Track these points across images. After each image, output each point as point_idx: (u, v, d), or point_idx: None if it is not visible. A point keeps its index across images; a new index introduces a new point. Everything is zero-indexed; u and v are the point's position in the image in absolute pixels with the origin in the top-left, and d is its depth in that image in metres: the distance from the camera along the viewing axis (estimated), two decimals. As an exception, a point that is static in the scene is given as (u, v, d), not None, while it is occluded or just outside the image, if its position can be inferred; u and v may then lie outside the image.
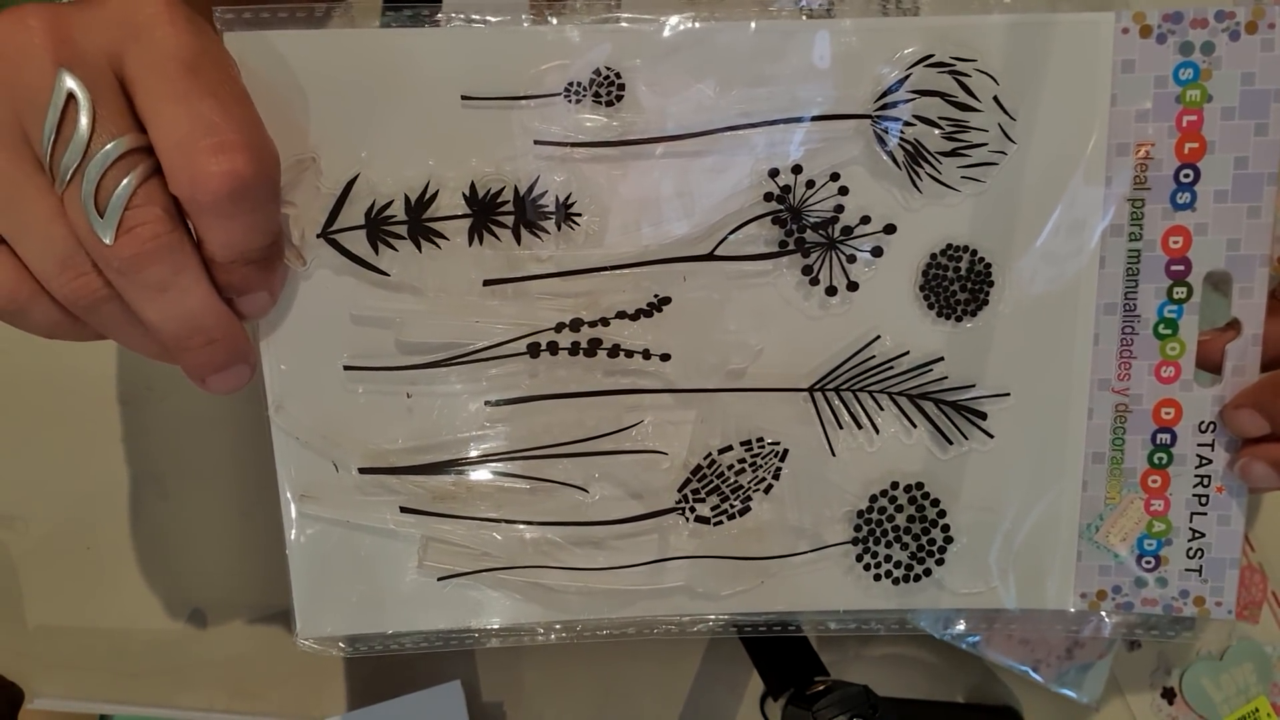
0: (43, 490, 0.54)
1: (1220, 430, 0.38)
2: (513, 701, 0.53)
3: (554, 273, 0.34)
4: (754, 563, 0.37)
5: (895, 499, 0.37)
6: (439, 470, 0.35)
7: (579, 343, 0.34)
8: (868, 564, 0.38)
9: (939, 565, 0.38)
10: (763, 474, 0.36)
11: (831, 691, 0.43)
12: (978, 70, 0.34)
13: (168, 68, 0.25)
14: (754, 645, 0.48)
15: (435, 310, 0.33)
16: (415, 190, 0.32)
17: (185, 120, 0.25)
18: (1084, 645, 0.52)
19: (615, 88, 0.33)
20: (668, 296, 0.34)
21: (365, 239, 0.33)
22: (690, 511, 0.36)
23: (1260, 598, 0.54)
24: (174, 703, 0.52)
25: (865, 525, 0.37)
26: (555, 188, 0.33)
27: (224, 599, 0.53)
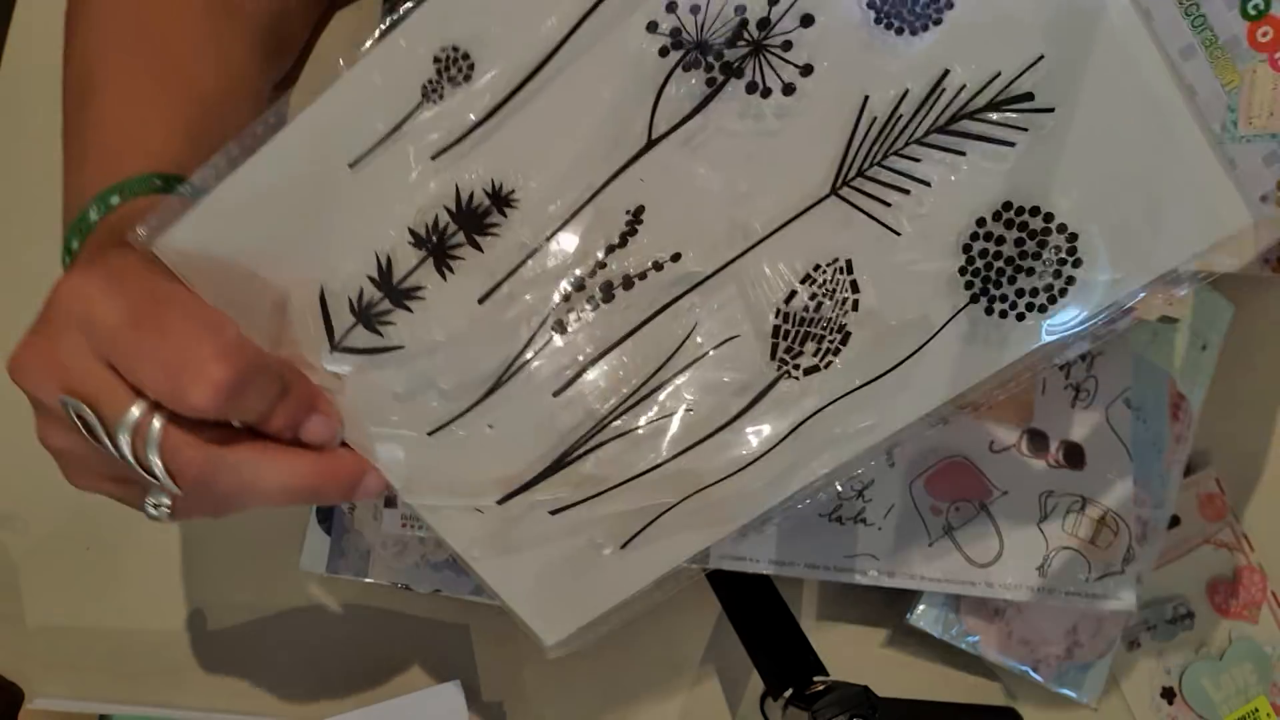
0: (43, 490, 0.54)
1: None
2: (513, 701, 0.53)
3: (528, 253, 0.33)
4: (886, 378, 0.33)
5: (990, 234, 0.32)
6: (559, 467, 0.35)
7: (593, 296, 0.33)
8: (1002, 310, 0.33)
9: (1078, 266, 0.32)
10: (840, 295, 0.33)
11: (831, 691, 0.43)
12: None
13: (118, 337, 0.29)
14: (754, 645, 0.48)
15: (459, 350, 0.34)
16: (372, 268, 0.33)
17: (156, 372, 0.29)
18: (1083, 645, 0.52)
19: (463, 61, 0.31)
20: (639, 205, 0.32)
21: (365, 331, 0.33)
22: (795, 369, 0.34)
23: (1260, 598, 0.54)
24: (174, 702, 0.52)
25: (974, 277, 0.33)
26: (476, 183, 0.32)
27: (224, 599, 0.53)
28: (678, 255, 0.33)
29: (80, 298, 0.29)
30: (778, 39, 0.31)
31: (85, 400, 0.30)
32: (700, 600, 0.53)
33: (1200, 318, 0.54)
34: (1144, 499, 0.52)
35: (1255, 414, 0.57)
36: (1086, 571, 0.48)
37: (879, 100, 0.31)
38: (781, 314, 0.33)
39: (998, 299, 0.33)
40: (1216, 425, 0.56)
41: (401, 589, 0.52)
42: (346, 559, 0.52)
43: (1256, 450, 0.56)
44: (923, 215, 0.32)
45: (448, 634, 0.53)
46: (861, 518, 0.48)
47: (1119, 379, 0.50)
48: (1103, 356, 0.50)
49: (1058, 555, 0.48)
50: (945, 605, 0.51)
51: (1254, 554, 0.55)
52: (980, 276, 0.32)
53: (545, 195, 0.32)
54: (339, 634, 0.53)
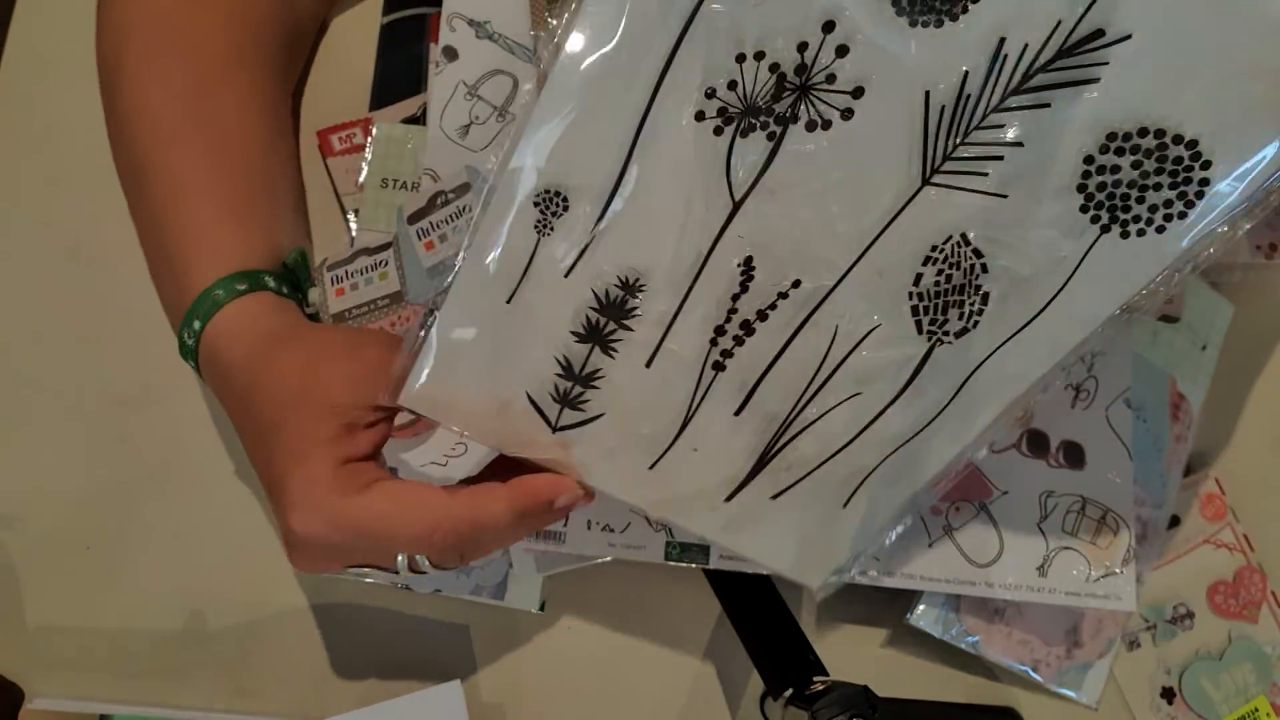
0: (43, 490, 0.54)
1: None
2: (513, 701, 0.53)
3: (670, 320, 0.37)
4: (1040, 319, 0.35)
5: (1101, 167, 0.33)
6: (762, 466, 0.40)
7: (737, 334, 0.37)
8: (1140, 229, 0.33)
9: (1207, 168, 0.32)
10: (966, 265, 0.35)
11: (831, 691, 0.43)
12: None
13: (359, 553, 0.39)
14: (754, 645, 0.48)
15: (646, 403, 0.39)
16: (557, 368, 0.39)
17: (406, 542, 0.38)
18: (1083, 645, 0.52)
19: (558, 199, 0.36)
20: (747, 257, 0.36)
21: (571, 411, 0.39)
22: (945, 335, 0.36)
23: (1260, 597, 0.54)
24: (174, 702, 0.52)
25: (1099, 210, 0.33)
26: (607, 283, 0.37)
27: (224, 599, 0.53)
28: (797, 282, 0.36)
29: (317, 539, 0.37)
30: (819, 76, 0.33)
31: (361, 566, 0.39)
32: (700, 600, 0.53)
33: (1200, 318, 0.54)
34: (1144, 499, 0.52)
35: (1255, 414, 0.57)
36: (1086, 571, 0.48)
37: (942, 90, 0.32)
38: (914, 294, 0.36)
39: (1130, 221, 0.33)
40: (1216, 425, 0.56)
41: (401, 589, 0.52)
42: (346, 559, 0.52)
43: (1256, 450, 0.56)
44: (1024, 173, 0.33)
45: (448, 634, 0.53)
46: (861, 518, 0.48)
47: (1119, 379, 0.50)
48: (1103, 356, 0.50)
49: (1058, 555, 0.48)
50: (945, 605, 0.51)
51: (1254, 554, 0.55)
52: (1105, 209, 0.33)
53: (666, 274, 0.36)
54: (339, 634, 0.53)
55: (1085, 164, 0.33)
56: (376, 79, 0.56)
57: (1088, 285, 0.35)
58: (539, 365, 0.38)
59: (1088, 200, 0.33)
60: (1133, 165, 0.33)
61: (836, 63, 0.33)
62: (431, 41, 0.56)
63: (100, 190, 0.57)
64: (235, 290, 0.43)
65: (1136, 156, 0.33)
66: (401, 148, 0.54)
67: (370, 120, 0.55)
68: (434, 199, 0.50)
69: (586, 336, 0.38)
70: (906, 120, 0.33)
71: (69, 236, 0.56)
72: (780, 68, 0.33)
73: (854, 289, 0.36)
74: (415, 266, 0.50)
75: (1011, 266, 0.35)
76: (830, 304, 0.36)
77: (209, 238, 0.45)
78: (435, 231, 0.50)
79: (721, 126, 0.34)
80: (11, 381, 0.55)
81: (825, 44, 0.32)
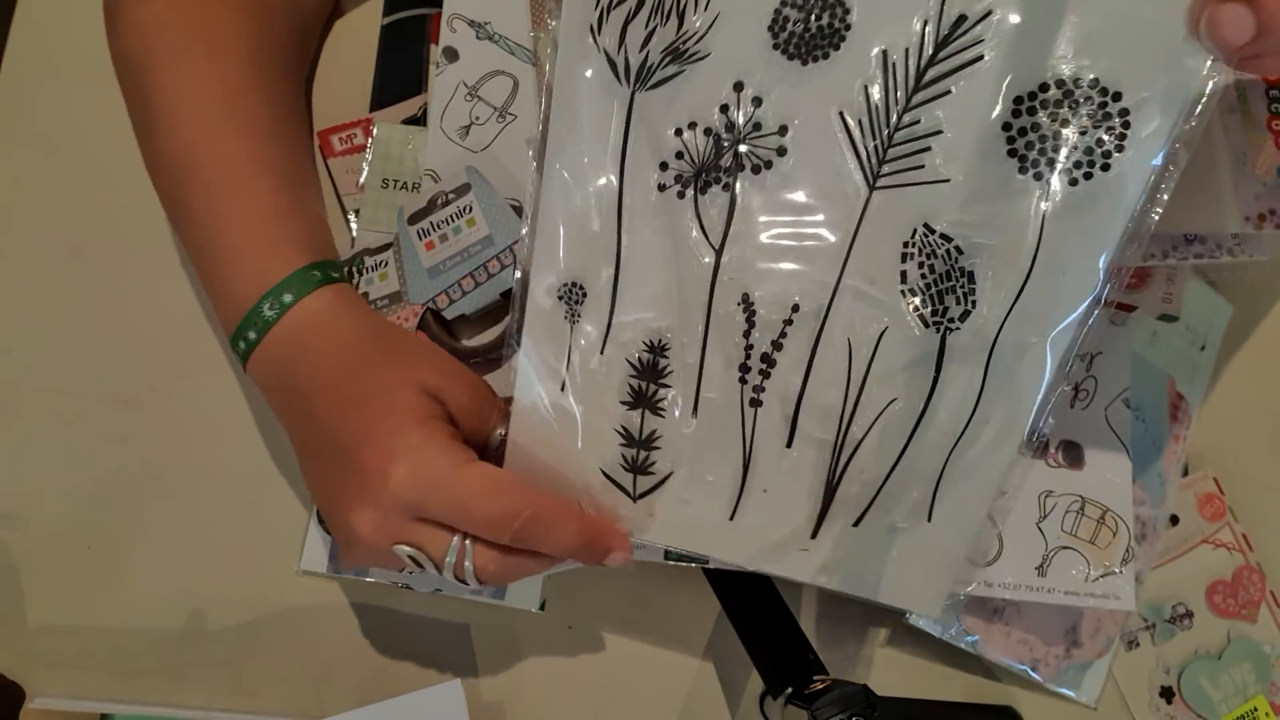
0: (43, 490, 0.54)
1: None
2: (513, 701, 0.53)
3: (698, 370, 0.41)
4: (1033, 280, 0.38)
5: (1022, 129, 0.36)
6: (832, 494, 0.42)
7: (761, 368, 0.41)
8: (1087, 173, 0.36)
9: (1119, 99, 0.35)
10: (941, 251, 0.38)
11: (831, 690, 0.43)
12: None
13: (451, 513, 0.39)
14: (754, 644, 0.49)
15: (706, 451, 0.42)
16: (619, 439, 0.42)
17: (476, 516, 0.39)
18: (1083, 645, 0.52)
19: (576, 289, 0.41)
20: (743, 294, 0.40)
21: (644, 478, 0.43)
22: (951, 323, 0.39)
23: (1259, 597, 0.54)
24: (174, 701, 0.52)
25: (1035, 167, 0.36)
26: (637, 349, 0.41)
27: (224, 599, 0.53)
28: (796, 305, 0.39)
29: (410, 488, 0.38)
30: (748, 127, 0.38)
31: (414, 546, 0.39)
32: (700, 600, 0.53)
33: (1199, 318, 0.54)
34: (1143, 499, 0.52)
35: (1254, 414, 0.57)
36: (1085, 571, 0.48)
37: (852, 107, 0.37)
38: (908, 292, 0.38)
39: (1071, 169, 0.36)
40: (1215, 425, 0.56)
41: (401, 589, 0.52)
42: (347, 559, 0.52)
43: (1255, 450, 0.56)
44: (955, 154, 0.37)
45: (448, 634, 0.53)
46: (861, 517, 0.48)
47: (1118, 379, 0.50)
48: (1102, 356, 0.51)
49: (1057, 555, 0.48)
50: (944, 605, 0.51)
51: (1253, 554, 0.55)
52: (1041, 164, 0.36)
53: (681, 329, 0.40)
54: (339, 634, 0.53)
55: (1005, 130, 0.36)
56: (377, 79, 0.56)
57: (1065, 237, 0.37)
58: (604, 441, 0.42)
59: (1022, 161, 0.36)
60: (1050, 118, 0.36)
61: (757, 112, 0.38)
62: (432, 42, 0.56)
63: (103, 190, 0.57)
64: (314, 280, 0.43)
65: (1049, 109, 0.36)
66: (402, 148, 0.54)
67: (371, 121, 0.55)
68: (434, 200, 0.51)
69: (635, 403, 0.41)
70: (834, 140, 0.37)
71: (71, 237, 0.56)
72: (713, 130, 0.38)
73: (851, 299, 0.39)
74: (415, 267, 0.50)
75: (983, 240, 0.37)
76: (834, 318, 0.39)
77: (281, 227, 0.45)
78: (435, 232, 0.50)
79: (682, 190, 0.39)
80: (13, 381, 0.55)
81: (742, 100, 0.38)
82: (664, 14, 0.38)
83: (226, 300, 0.44)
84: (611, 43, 0.38)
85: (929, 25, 0.36)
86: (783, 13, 0.37)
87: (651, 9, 0.38)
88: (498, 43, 0.53)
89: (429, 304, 0.50)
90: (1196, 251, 0.44)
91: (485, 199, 0.50)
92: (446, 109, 0.53)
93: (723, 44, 0.37)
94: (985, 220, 0.37)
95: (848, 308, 0.39)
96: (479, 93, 0.53)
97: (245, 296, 0.43)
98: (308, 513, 0.53)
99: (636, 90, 0.38)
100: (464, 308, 0.50)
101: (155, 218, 0.56)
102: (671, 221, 0.39)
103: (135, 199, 0.56)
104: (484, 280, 0.50)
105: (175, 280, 0.55)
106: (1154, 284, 0.52)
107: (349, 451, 0.40)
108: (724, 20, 0.37)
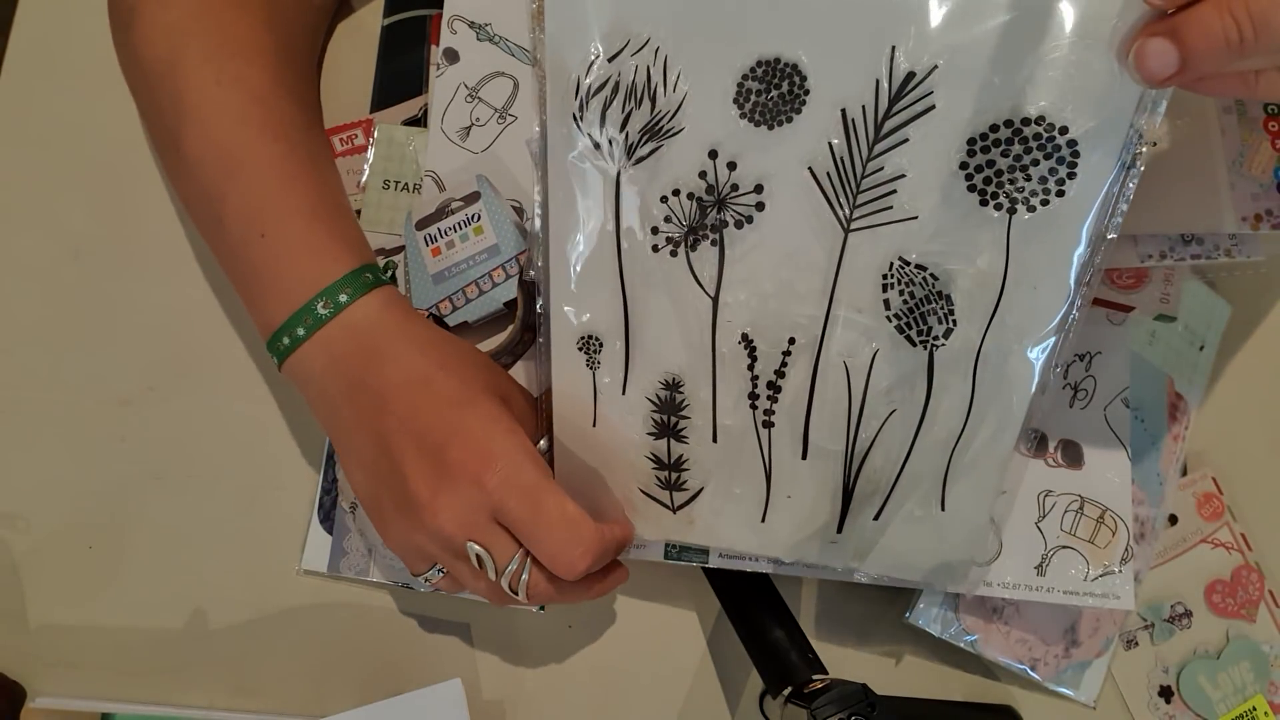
0: (44, 490, 0.54)
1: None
2: (513, 701, 0.53)
3: (712, 404, 0.45)
4: (1006, 295, 0.41)
5: (980, 166, 0.39)
6: (850, 496, 0.45)
7: (769, 395, 0.44)
8: (1043, 199, 0.40)
9: (1065, 133, 0.38)
10: (919, 279, 0.41)
11: (830, 689, 0.43)
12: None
13: (521, 525, 0.41)
14: (753, 643, 0.49)
15: (730, 467, 0.46)
16: (651, 463, 0.47)
17: (543, 552, 0.41)
18: (1081, 644, 0.52)
19: (595, 341, 0.45)
20: (742, 334, 0.44)
21: (678, 493, 0.47)
22: (936, 340, 0.42)
23: (1257, 597, 0.54)
24: (175, 701, 0.52)
25: (993, 198, 0.40)
26: (655, 388, 0.45)
27: (224, 598, 0.53)
28: (792, 339, 0.43)
29: (503, 491, 0.41)
30: (726, 187, 0.42)
31: (485, 547, 0.41)
32: (700, 600, 0.53)
33: (1197, 318, 0.54)
34: (1142, 498, 0.52)
35: (1253, 414, 0.57)
36: (1085, 570, 0.48)
37: (820, 162, 0.41)
38: (892, 318, 0.42)
39: (1028, 197, 0.40)
40: (1214, 425, 0.56)
41: (402, 588, 0.53)
42: (348, 558, 0.52)
43: (1254, 450, 0.57)
44: (919, 194, 0.40)
45: (448, 633, 0.53)
46: (860, 517, 0.49)
47: (1117, 379, 0.50)
48: (1101, 356, 0.51)
49: (1056, 554, 0.48)
50: (944, 604, 0.51)
51: (1251, 553, 0.55)
52: (1000, 196, 0.40)
53: (693, 369, 0.44)
54: (339, 634, 0.53)
55: (963, 169, 0.40)
56: (378, 81, 0.56)
57: (1032, 256, 0.40)
58: (638, 466, 0.46)
59: (982, 195, 0.40)
60: (1003, 154, 0.39)
61: (733, 175, 0.41)
62: (433, 43, 0.56)
63: (103, 190, 0.57)
64: (367, 282, 0.44)
65: (1001, 147, 0.39)
66: (403, 149, 0.54)
67: (372, 122, 0.55)
68: (443, 207, 0.51)
69: (660, 433, 0.46)
70: (807, 193, 0.41)
71: (73, 237, 0.56)
72: (696, 194, 0.42)
73: (842, 328, 0.43)
74: (421, 272, 0.50)
75: (955, 267, 0.41)
76: (829, 345, 0.43)
77: (328, 228, 0.45)
78: (442, 238, 0.50)
79: (674, 249, 0.43)
80: (15, 381, 0.55)
81: (718, 166, 0.41)
82: (637, 98, 0.41)
83: (269, 299, 0.45)
84: (594, 127, 0.42)
85: (881, 82, 0.39)
86: (745, 86, 0.40)
87: (625, 94, 0.41)
88: (498, 44, 0.53)
89: (432, 310, 0.50)
90: (1194, 252, 0.44)
91: (494, 209, 0.50)
92: (447, 110, 0.53)
93: (694, 119, 0.41)
94: (953, 249, 0.41)
95: (840, 336, 0.43)
96: (479, 94, 0.53)
97: (293, 295, 0.43)
98: (308, 513, 0.53)
99: (622, 168, 0.42)
100: (466, 315, 0.50)
101: (155, 218, 0.56)
102: (669, 277, 0.43)
103: (135, 199, 0.57)
104: (488, 289, 0.50)
105: (175, 280, 0.56)
106: (1152, 285, 0.53)
107: (437, 448, 0.41)
108: (692, 99, 0.41)
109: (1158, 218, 0.44)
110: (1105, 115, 0.38)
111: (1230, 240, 0.43)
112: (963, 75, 0.38)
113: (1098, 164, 0.38)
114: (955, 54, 0.38)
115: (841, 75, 0.39)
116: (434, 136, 0.53)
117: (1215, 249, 0.43)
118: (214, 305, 0.55)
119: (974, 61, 0.38)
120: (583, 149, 0.42)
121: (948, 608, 0.51)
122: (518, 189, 0.52)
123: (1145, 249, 0.44)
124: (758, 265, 0.42)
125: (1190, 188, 0.43)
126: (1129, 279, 0.52)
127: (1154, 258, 0.44)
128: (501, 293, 0.50)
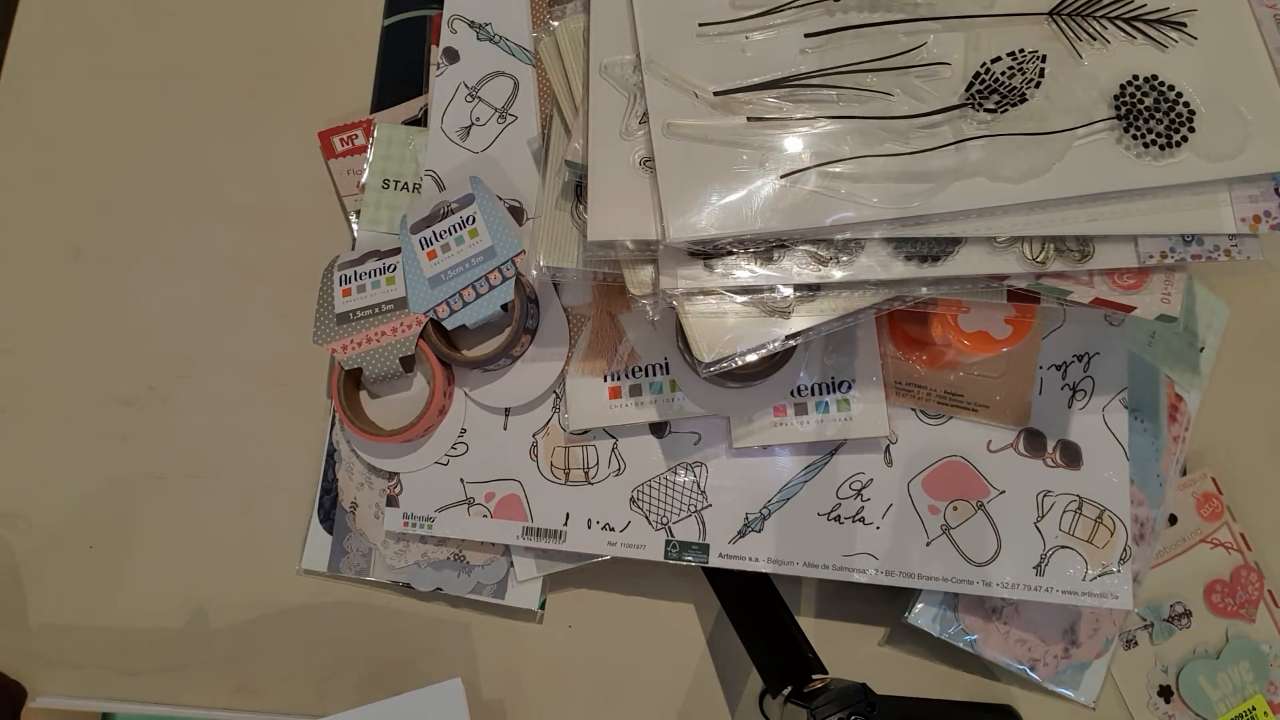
0: (45, 489, 0.54)
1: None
2: (513, 700, 0.53)
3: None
4: (1039, 139, 0.43)
5: (1135, 90, 0.43)
6: (775, 86, 0.44)
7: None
8: (1133, 135, 0.43)
9: (1192, 132, 0.42)
10: (1030, 75, 0.44)
11: (829, 689, 0.43)
12: None
13: None
14: (753, 643, 0.49)
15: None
16: None
17: None
18: (1081, 644, 0.52)
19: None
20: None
21: None
22: (979, 105, 0.43)
23: (1257, 596, 0.54)
24: (175, 700, 0.53)
25: (1121, 105, 0.43)
26: None
27: (224, 599, 0.53)
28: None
29: None
30: None
31: None
32: (700, 600, 0.53)
33: (1197, 319, 0.54)
34: (1141, 499, 0.52)
35: (1252, 414, 0.57)
36: (1084, 571, 0.48)
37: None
38: (985, 67, 0.44)
39: (1137, 126, 0.43)
40: (1214, 425, 0.56)
41: (402, 588, 0.53)
42: (348, 558, 0.52)
43: (1254, 450, 0.57)
44: (1099, 58, 0.43)
45: (448, 633, 0.53)
46: (860, 517, 0.49)
47: (1116, 380, 0.50)
48: (1099, 357, 0.51)
49: (1055, 554, 0.48)
50: (943, 604, 0.51)
51: (1251, 553, 0.55)
52: (1125, 108, 0.43)
53: None
54: (339, 633, 0.53)
55: (1129, 82, 0.44)
56: (378, 81, 0.56)
57: (1089, 146, 0.43)
58: None
59: (1119, 104, 0.43)
60: (1148, 96, 0.43)
61: None
62: (433, 43, 0.56)
63: (105, 192, 0.57)
64: None
65: (1154, 95, 0.43)
66: (403, 149, 0.54)
67: (372, 121, 0.55)
68: (437, 209, 0.50)
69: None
70: None
71: (74, 238, 0.56)
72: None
73: (960, 30, 0.45)
74: (417, 276, 0.50)
75: (1053, 95, 0.43)
76: (937, 26, 0.45)
77: None
78: (438, 242, 0.50)
79: None
80: (15, 381, 0.55)
81: None
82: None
83: None
84: None
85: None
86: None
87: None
88: (498, 44, 0.53)
89: (430, 314, 0.50)
90: (1194, 253, 0.44)
91: (488, 211, 0.50)
92: (447, 110, 0.53)
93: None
94: (1070, 92, 0.44)
95: (949, 35, 0.45)
96: (479, 93, 0.53)
97: None
98: (308, 513, 0.53)
99: None
100: (465, 319, 0.49)
101: (155, 218, 0.56)
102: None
103: (135, 199, 0.57)
104: (485, 292, 0.49)
105: (175, 280, 0.56)
106: (1152, 285, 0.52)
107: None
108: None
109: (1158, 218, 0.44)
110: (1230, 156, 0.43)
111: (1230, 241, 0.43)
112: (1192, 46, 0.43)
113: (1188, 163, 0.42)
114: (1202, 30, 0.43)
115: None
116: (434, 136, 0.53)
117: (1215, 249, 0.43)
118: (214, 305, 0.55)
119: (1206, 49, 0.43)
120: None
121: (947, 607, 0.51)
122: (515, 190, 0.52)
123: (1145, 249, 0.44)
124: None
125: (1188, 189, 0.43)
126: (1129, 279, 0.52)
127: (1154, 258, 0.44)
128: (499, 295, 0.49)
